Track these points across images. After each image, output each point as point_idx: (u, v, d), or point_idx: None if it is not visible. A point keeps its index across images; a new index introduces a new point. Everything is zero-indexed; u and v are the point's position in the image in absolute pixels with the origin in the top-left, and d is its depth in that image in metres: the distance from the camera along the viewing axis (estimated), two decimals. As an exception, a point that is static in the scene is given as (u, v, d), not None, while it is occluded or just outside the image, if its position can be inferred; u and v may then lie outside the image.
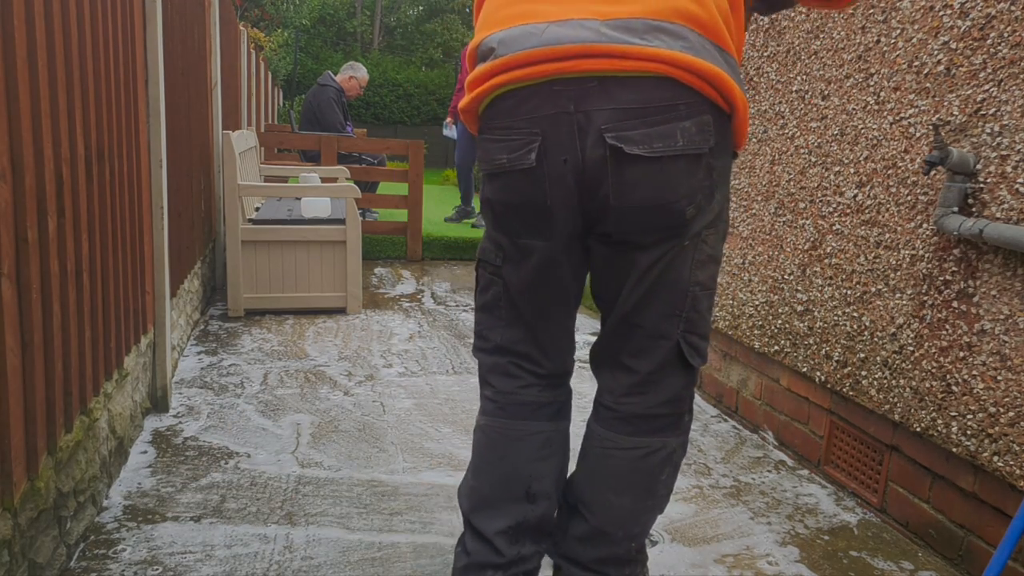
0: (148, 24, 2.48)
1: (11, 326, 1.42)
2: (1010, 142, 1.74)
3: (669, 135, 1.23)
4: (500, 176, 1.35)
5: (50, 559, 1.61)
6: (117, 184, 2.15)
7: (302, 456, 2.35)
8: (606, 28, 1.22)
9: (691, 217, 1.31)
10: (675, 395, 1.43)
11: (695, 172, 1.28)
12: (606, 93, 1.22)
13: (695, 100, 1.24)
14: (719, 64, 1.25)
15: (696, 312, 1.39)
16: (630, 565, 1.52)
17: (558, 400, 1.55)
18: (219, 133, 4.44)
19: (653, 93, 1.22)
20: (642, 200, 1.27)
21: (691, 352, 1.40)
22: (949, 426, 1.89)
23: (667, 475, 1.47)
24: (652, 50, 1.20)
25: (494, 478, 1.50)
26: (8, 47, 1.41)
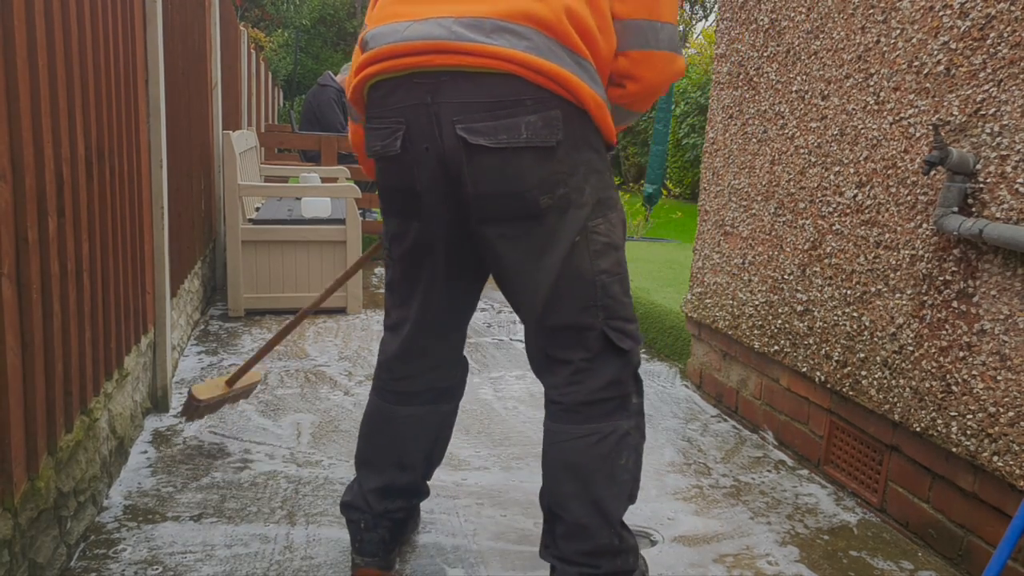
0: (148, 24, 2.48)
1: (11, 326, 1.42)
2: (1010, 142, 1.74)
3: (514, 128, 1.34)
4: (378, 162, 1.50)
5: (50, 559, 1.61)
6: (117, 184, 2.16)
7: (302, 456, 2.36)
8: (457, 26, 1.34)
9: (546, 207, 1.40)
10: (615, 379, 1.50)
11: (547, 164, 1.38)
12: (456, 87, 1.34)
13: (542, 96, 1.35)
14: (565, 65, 1.35)
15: (610, 298, 1.48)
16: (621, 556, 1.54)
17: (437, 387, 1.72)
18: (219, 133, 4.44)
19: (499, 88, 1.34)
20: (494, 189, 1.38)
21: (619, 336, 1.49)
22: (949, 426, 1.90)
23: (627, 459, 1.53)
24: (496, 48, 1.32)
25: (372, 445, 1.73)
26: (8, 47, 1.41)
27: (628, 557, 1.56)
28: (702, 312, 3.08)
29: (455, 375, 1.76)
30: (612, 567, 1.53)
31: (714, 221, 3.01)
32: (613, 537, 1.51)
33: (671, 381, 3.31)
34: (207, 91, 4.13)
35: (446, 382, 1.74)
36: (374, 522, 1.70)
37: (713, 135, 3.02)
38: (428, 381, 1.71)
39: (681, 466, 2.44)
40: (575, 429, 1.50)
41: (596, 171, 1.46)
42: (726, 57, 2.92)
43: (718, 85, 2.99)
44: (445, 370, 1.72)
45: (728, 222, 2.90)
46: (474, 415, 2.76)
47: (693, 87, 11.20)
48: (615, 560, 1.53)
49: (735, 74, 2.85)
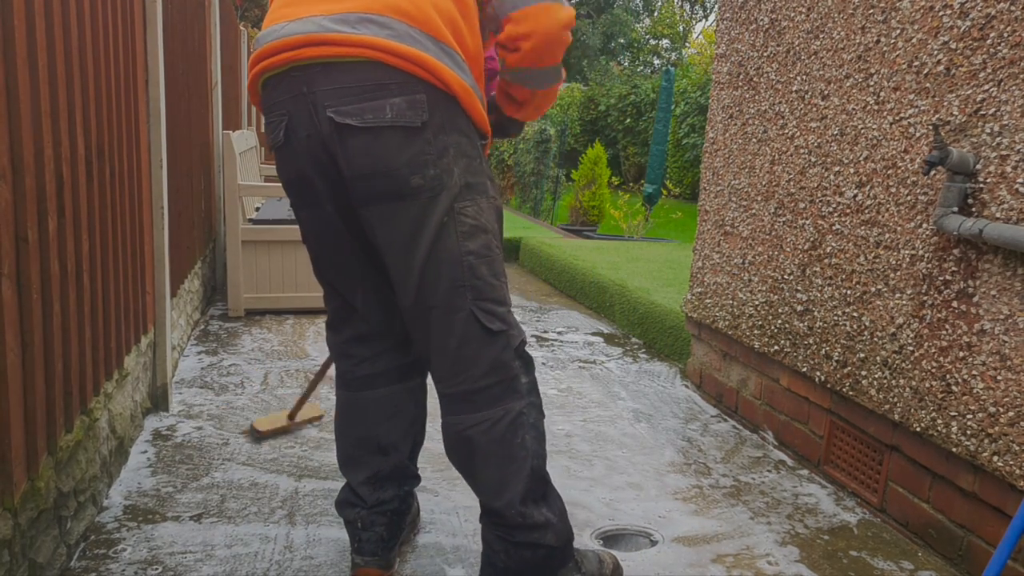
0: (148, 24, 2.48)
1: (11, 326, 1.42)
2: (1010, 142, 1.74)
3: (379, 109, 1.42)
4: (275, 155, 1.57)
5: (50, 559, 1.61)
6: (117, 184, 2.16)
7: (302, 456, 2.35)
8: (326, 21, 1.43)
9: (417, 186, 1.45)
10: (495, 363, 1.53)
11: (414, 144, 1.44)
12: (328, 76, 1.43)
13: (406, 80, 1.42)
14: (427, 50, 1.43)
15: (478, 279, 1.52)
16: (535, 530, 1.56)
17: (398, 364, 1.74)
18: (219, 133, 4.44)
19: (366, 74, 1.42)
20: (365, 167, 1.45)
21: (488, 318, 1.52)
22: (949, 426, 1.90)
23: (522, 437, 1.55)
24: (360, 37, 1.41)
25: (349, 440, 1.76)
26: (8, 47, 1.41)
27: (545, 532, 1.57)
28: (702, 312, 3.08)
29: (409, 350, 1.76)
30: (525, 538, 1.56)
31: (714, 221, 3.01)
32: (516, 516, 1.55)
33: (671, 381, 3.31)
34: (207, 91, 4.13)
35: (408, 358, 1.75)
36: (370, 520, 1.72)
37: (713, 135, 3.02)
38: (389, 359, 1.73)
39: (681, 466, 2.44)
40: (469, 419, 1.54)
41: (465, 155, 1.51)
42: (726, 57, 2.92)
43: (718, 85, 2.99)
44: (404, 346, 1.74)
45: (728, 222, 2.90)
46: (474, 415, 2.75)
47: (693, 87, 11.21)
48: (529, 534, 1.56)
49: (735, 74, 2.85)
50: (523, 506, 1.55)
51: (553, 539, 1.58)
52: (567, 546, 1.62)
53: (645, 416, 2.87)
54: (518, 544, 1.56)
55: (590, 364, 3.47)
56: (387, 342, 1.73)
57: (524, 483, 1.55)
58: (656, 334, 3.75)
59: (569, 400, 2.98)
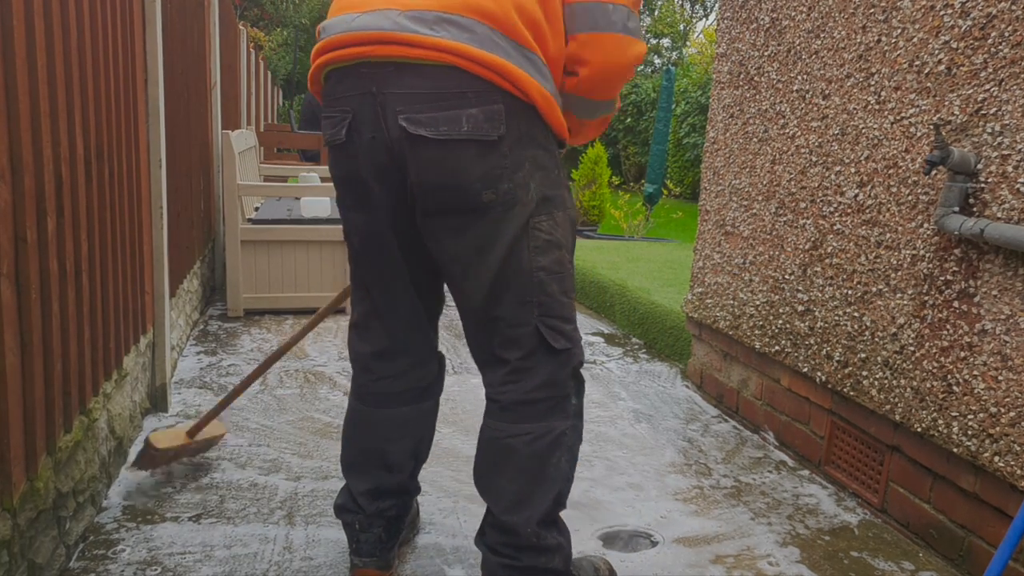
0: (148, 24, 2.47)
1: (10, 326, 1.42)
2: (1011, 142, 1.74)
3: (455, 120, 1.34)
4: (330, 151, 1.50)
5: (49, 559, 1.61)
6: (116, 184, 2.15)
7: (302, 456, 2.35)
8: (402, 18, 1.35)
9: (489, 201, 1.39)
10: (550, 379, 1.49)
11: (489, 158, 1.37)
12: (401, 78, 1.35)
13: (484, 89, 1.34)
14: (509, 57, 1.34)
15: (547, 296, 1.47)
16: (543, 554, 1.53)
17: (417, 386, 1.69)
18: (218, 133, 4.44)
19: (442, 81, 1.34)
20: (436, 181, 1.38)
21: (553, 335, 1.48)
22: (950, 426, 1.89)
23: (558, 459, 1.52)
24: (437, 40, 1.32)
25: (356, 449, 1.71)
26: (7, 47, 1.40)
27: (553, 556, 1.54)
28: (703, 312, 3.07)
29: (433, 371, 1.73)
30: (533, 562, 1.53)
31: (715, 221, 3.00)
32: (531, 535, 1.51)
33: (672, 381, 3.31)
34: (206, 91, 4.13)
35: (426, 380, 1.71)
36: (368, 522, 1.70)
37: (714, 135, 3.01)
38: (409, 380, 1.68)
39: (682, 466, 2.44)
40: (510, 428, 1.50)
41: (542, 168, 1.45)
42: (727, 56, 2.92)
43: (719, 84, 2.98)
44: (424, 367, 1.70)
45: (729, 222, 2.90)
46: (474, 414, 2.75)
47: (693, 87, 11.20)
48: (538, 557, 1.53)
49: (736, 73, 2.85)
50: (540, 527, 1.52)
51: (561, 563, 1.56)
52: (568, 568, 1.60)
53: (645, 416, 2.86)
54: (524, 570, 1.53)
55: (590, 364, 3.47)
56: (407, 361, 1.67)
57: (547, 504, 1.52)
58: (656, 334, 3.75)
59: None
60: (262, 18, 18.94)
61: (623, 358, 3.61)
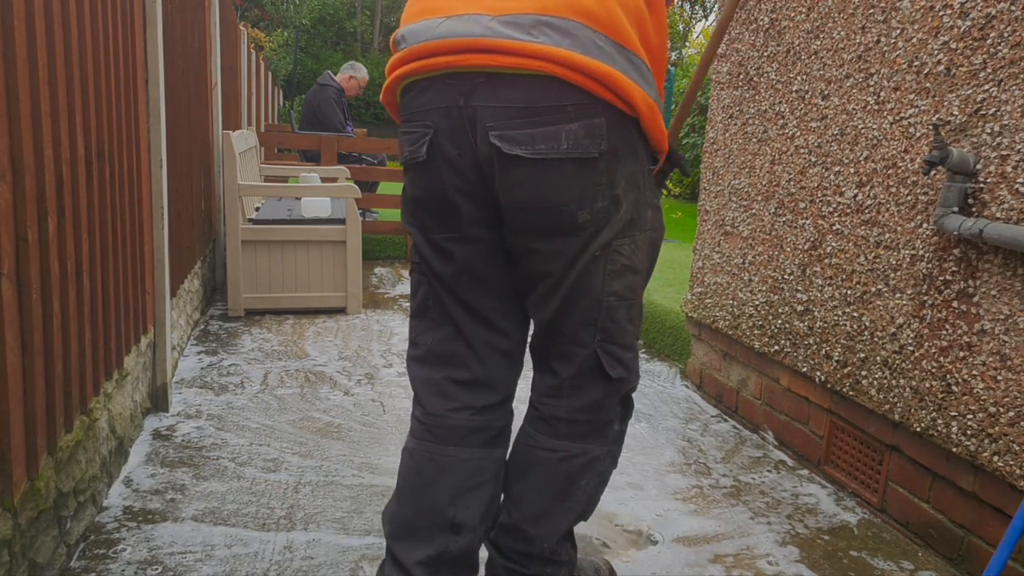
0: (148, 24, 2.48)
1: (11, 326, 1.42)
2: (1010, 142, 1.74)
3: (553, 137, 1.20)
4: (407, 170, 1.37)
5: (50, 559, 1.61)
6: (117, 184, 2.15)
7: (302, 456, 2.35)
8: (495, 23, 1.20)
9: (584, 222, 1.27)
10: (595, 403, 1.42)
11: (586, 176, 1.24)
12: (493, 90, 1.21)
13: (585, 101, 1.20)
14: (614, 63, 1.21)
15: (613, 322, 1.37)
16: (551, 565, 1.49)
17: (494, 425, 1.46)
18: (219, 133, 4.44)
19: (538, 93, 1.20)
20: (528, 201, 1.26)
21: (610, 362, 1.39)
22: (949, 426, 1.89)
23: (587, 482, 1.46)
24: (536, 47, 1.17)
25: (418, 506, 1.42)
26: (8, 47, 1.41)
27: (561, 569, 1.51)
28: (702, 312, 3.07)
29: (510, 411, 1.52)
30: (540, 572, 1.49)
31: (714, 221, 3.01)
32: (545, 549, 1.47)
33: (671, 381, 3.31)
34: (207, 91, 4.13)
35: (503, 420, 1.49)
36: None
37: (713, 135, 3.02)
38: (488, 417, 1.45)
39: (681, 466, 2.44)
40: (545, 441, 1.44)
41: (637, 186, 1.33)
42: (726, 57, 2.92)
43: (718, 85, 2.98)
44: (506, 405, 1.50)
45: (728, 222, 2.90)
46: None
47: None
48: (544, 568, 1.49)
49: (735, 74, 2.85)
50: (557, 544, 1.48)
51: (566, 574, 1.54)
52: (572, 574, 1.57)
53: (645, 416, 2.86)
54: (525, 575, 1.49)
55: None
56: (493, 396, 1.46)
57: (567, 524, 1.48)
58: (656, 334, 3.75)
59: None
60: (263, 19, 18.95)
61: (623, 358, 3.61)
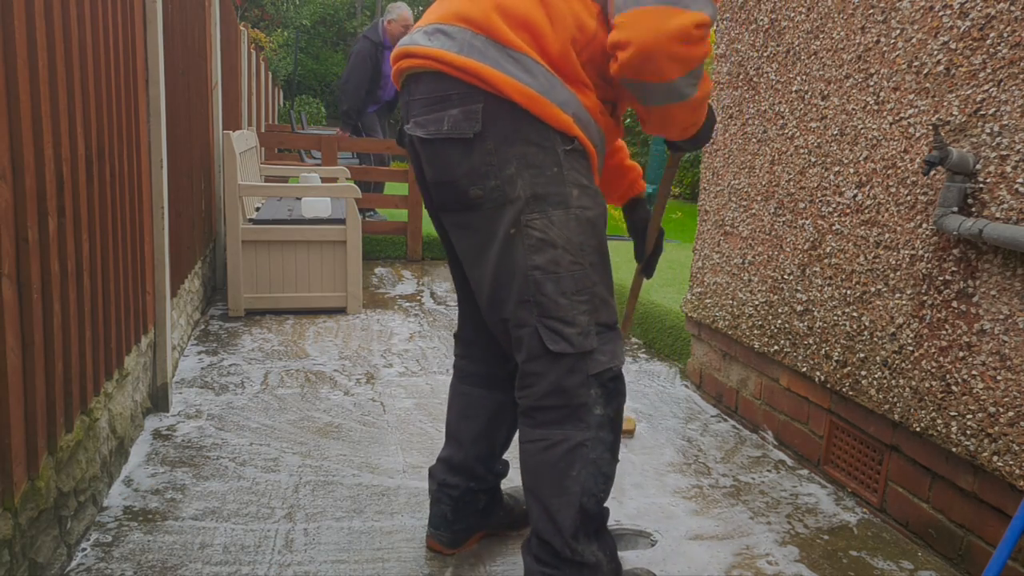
0: (148, 24, 2.48)
1: (11, 326, 1.43)
2: (1010, 142, 1.74)
3: (439, 121, 1.45)
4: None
5: (51, 559, 1.62)
6: (117, 184, 2.16)
7: (302, 456, 2.36)
8: (417, 33, 1.51)
9: (476, 197, 1.46)
10: (556, 386, 1.46)
11: (471, 155, 1.44)
12: (417, 86, 1.50)
13: (467, 91, 1.43)
14: (487, 60, 1.41)
15: (543, 296, 1.46)
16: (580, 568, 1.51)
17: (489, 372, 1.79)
18: (219, 133, 4.44)
19: (435, 86, 1.46)
20: (434, 175, 1.51)
21: (551, 337, 1.45)
22: (949, 426, 1.90)
23: (579, 471, 1.47)
24: (429, 50, 1.45)
25: (454, 419, 1.85)
26: (9, 47, 1.41)
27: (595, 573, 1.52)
28: (702, 312, 3.08)
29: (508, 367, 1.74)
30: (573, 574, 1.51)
31: (714, 221, 3.01)
32: (564, 547, 1.48)
33: (671, 381, 3.31)
34: (207, 91, 4.13)
35: (493, 367, 1.79)
36: (437, 496, 1.83)
37: (713, 135, 3.02)
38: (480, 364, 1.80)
39: (681, 466, 2.44)
40: (529, 433, 1.52)
41: (532, 166, 1.44)
42: (726, 57, 2.93)
43: (718, 85, 2.99)
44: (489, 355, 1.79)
45: (728, 222, 2.90)
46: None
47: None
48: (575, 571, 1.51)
49: (735, 74, 2.85)
50: (574, 540, 1.49)
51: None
52: None
53: (645, 416, 2.87)
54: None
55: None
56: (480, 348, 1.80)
57: (572, 518, 1.49)
58: (656, 334, 3.75)
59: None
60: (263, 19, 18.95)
61: (623, 358, 3.61)
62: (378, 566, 1.80)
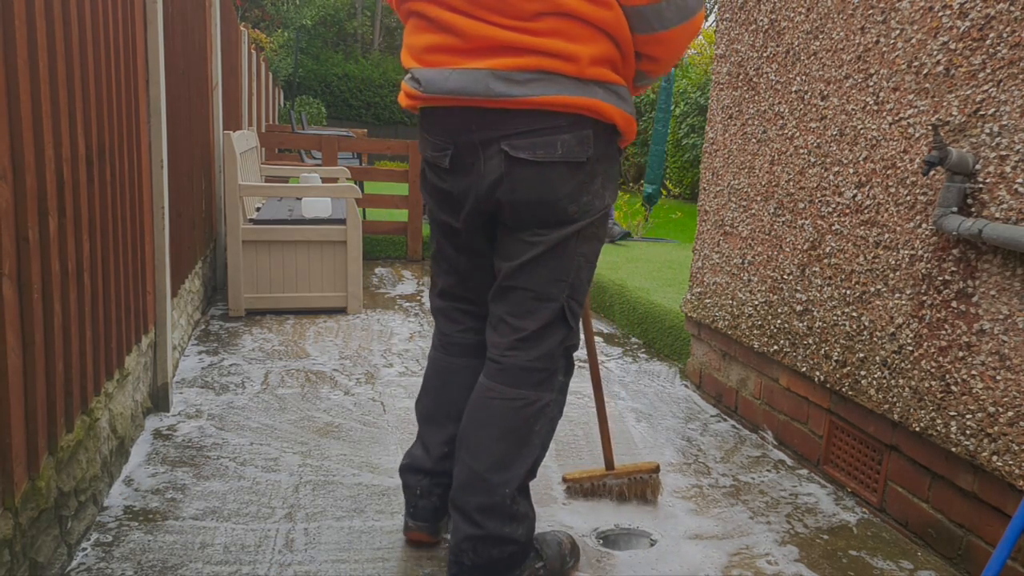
0: (149, 25, 2.48)
1: (12, 326, 1.43)
2: (1009, 142, 1.74)
3: (550, 145, 1.52)
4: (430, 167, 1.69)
5: (51, 558, 1.62)
6: (118, 184, 2.16)
7: (303, 456, 2.36)
8: (492, 80, 1.49)
9: (573, 213, 1.58)
10: (549, 352, 1.65)
11: (576, 175, 1.55)
12: (502, 119, 1.51)
13: (576, 120, 1.51)
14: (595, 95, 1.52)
15: (579, 279, 1.65)
16: (511, 521, 1.62)
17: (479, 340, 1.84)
18: (220, 133, 4.44)
19: (538, 119, 1.50)
20: (529, 196, 1.56)
21: (571, 315, 1.66)
22: (948, 426, 1.90)
23: (540, 427, 1.66)
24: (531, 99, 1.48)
25: (437, 399, 1.87)
26: (9, 48, 1.41)
27: (519, 526, 1.64)
28: (702, 312, 3.08)
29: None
30: (499, 531, 1.61)
31: (714, 221, 3.01)
32: (506, 498, 1.61)
33: (671, 381, 3.32)
34: (208, 91, 4.14)
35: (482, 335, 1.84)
36: (429, 489, 1.84)
37: (713, 135, 3.02)
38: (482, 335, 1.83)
39: (680, 466, 2.45)
40: (507, 391, 1.64)
41: (612, 179, 1.64)
42: (726, 57, 2.93)
43: (718, 85, 2.99)
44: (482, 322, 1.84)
45: (728, 222, 2.90)
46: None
47: (693, 87, 11.20)
48: (503, 526, 1.62)
49: (735, 74, 2.86)
50: (518, 492, 1.63)
51: (523, 535, 1.65)
52: (531, 540, 1.71)
53: (645, 416, 2.87)
54: (486, 539, 1.61)
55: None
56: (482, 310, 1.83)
57: (526, 469, 1.64)
58: (656, 334, 3.75)
59: (569, 400, 2.98)
60: (263, 19, 18.95)
61: (622, 358, 3.62)
62: (378, 566, 1.80)
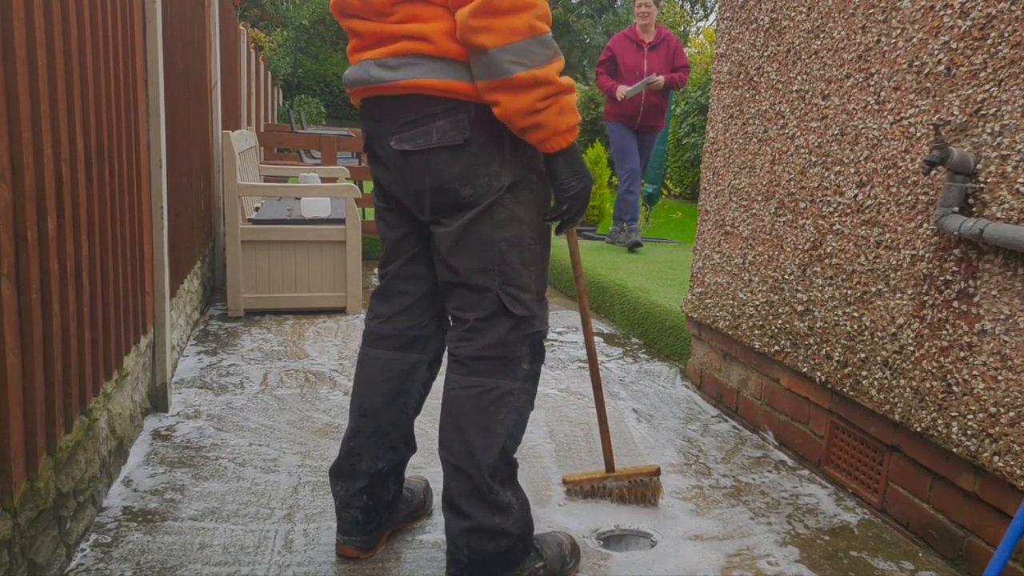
0: (148, 24, 2.48)
1: (11, 326, 1.42)
2: (1010, 142, 1.74)
3: (427, 133, 1.54)
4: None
5: (50, 559, 1.61)
6: (117, 184, 2.15)
7: (301, 456, 2.35)
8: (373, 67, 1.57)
9: (468, 195, 1.56)
10: (500, 340, 1.64)
11: (460, 159, 1.55)
12: (393, 108, 1.58)
13: (451, 105, 1.52)
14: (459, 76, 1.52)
15: (507, 265, 1.62)
16: (498, 513, 1.63)
17: (408, 334, 1.82)
18: (219, 133, 4.44)
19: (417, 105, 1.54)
20: (422, 184, 1.59)
21: (511, 302, 1.63)
22: (949, 426, 1.89)
23: (505, 416, 1.65)
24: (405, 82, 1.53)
25: (353, 388, 1.86)
26: (8, 47, 1.40)
27: (507, 517, 1.64)
28: (702, 312, 3.07)
29: (428, 326, 1.82)
30: (488, 522, 1.62)
31: (714, 221, 3.01)
32: (483, 486, 1.62)
33: (671, 381, 3.31)
34: (207, 91, 4.13)
35: (416, 331, 1.81)
36: (347, 501, 1.81)
37: (713, 135, 3.02)
38: (398, 325, 1.80)
39: (681, 466, 2.44)
40: (463, 380, 1.65)
41: (519, 158, 1.59)
42: (726, 57, 2.92)
43: (718, 85, 2.98)
44: (416, 316, 1.81)
45: (728, 222, 2.90)
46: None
47: (693, 87, 11.20)
48: (493, 516, 1.62)
49: (735, 74, 2.85)
50: (492, 480, 1.63)
51: (514, 527, 1.65)
52: (528, 536, 1.69)
53: (645, 416, 2.86)
54: (477, 531, 1.62)
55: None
56: (404, 304, 1.81)
57: (495, 457, 1.63)
58: (656, 334, 3.75)
59: (569, 400, 2.98)
60: (262, 18, 18.95)
61: (623, 358, 3.61)
62: (378, 566, 1.80)
